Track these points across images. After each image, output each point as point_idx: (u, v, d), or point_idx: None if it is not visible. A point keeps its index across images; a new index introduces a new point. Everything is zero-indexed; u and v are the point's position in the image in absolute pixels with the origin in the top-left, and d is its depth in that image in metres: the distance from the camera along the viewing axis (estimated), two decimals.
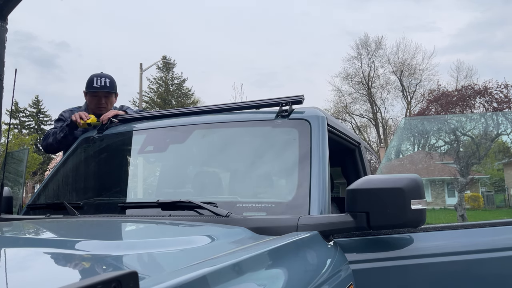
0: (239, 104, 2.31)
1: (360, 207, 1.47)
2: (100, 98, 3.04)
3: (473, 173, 14.12)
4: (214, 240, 1.29)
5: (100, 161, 2.42)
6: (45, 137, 3.07)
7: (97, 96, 3.04)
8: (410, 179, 1.45)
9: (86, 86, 3.07)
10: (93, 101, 3.05)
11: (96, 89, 3.02)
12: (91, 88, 3.03)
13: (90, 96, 3.07)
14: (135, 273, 0.63)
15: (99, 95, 3.04)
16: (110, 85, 3.08)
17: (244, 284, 0.96)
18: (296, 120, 1.95)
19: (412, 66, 37.22)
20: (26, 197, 19.29)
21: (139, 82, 22.46)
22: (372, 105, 38.51)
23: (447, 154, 13.58)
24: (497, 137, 13.02)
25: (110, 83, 3.07)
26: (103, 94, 3.04)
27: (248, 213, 1.66)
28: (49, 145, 3.00)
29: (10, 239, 1.33)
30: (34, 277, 0.90)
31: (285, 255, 1.21)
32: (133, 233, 1.55)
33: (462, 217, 12.29)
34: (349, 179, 3.06)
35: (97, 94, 3.04)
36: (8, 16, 2.01)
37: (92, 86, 3.03)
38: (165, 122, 2.31)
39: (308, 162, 1.76)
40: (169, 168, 2.38)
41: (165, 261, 1.09)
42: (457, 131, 11.66)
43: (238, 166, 2.05)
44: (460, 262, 1.58)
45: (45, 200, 2.27)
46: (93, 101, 3.05)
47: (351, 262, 1.51)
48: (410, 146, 12.56)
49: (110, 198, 2.14)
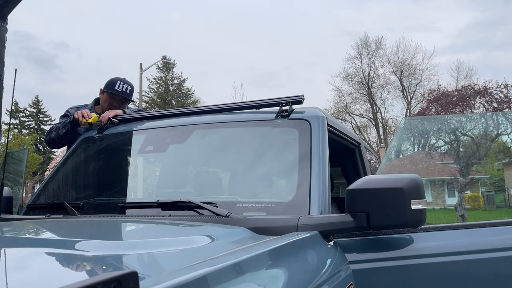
0: (239, 104, 2.31)
1: (360, 207, 1.46)
2: (117, 102, 3.13)
3: (473, 173, 14.13)
4: (214, 240, 1.29)
5: (100, 161, 2.42)
6: (49, 132, 3.13)
7: (115, 99, 3.13)
8: (410, 179, 1.45)
9: (107, 86, 3.14)
10: (108, 101, 3.12)
11: (116, 92, 3.11)
12: (112, 89, 3.11)
13: (108, 96, 3.13)
14: (135, 273, 0.63)
15: (117, 98, 3.13)
16: (130, 93, 3.19)
17: (244, 284, 0.96)
18: (296, 120, 1.95)
19: (412, 66, 37.26)
20: (26, 197, 19.29)
21: (139, 82, 22.46)
22: (372, 105, 38.51)
23: (447, 154, 13.58)
24: (497, 137, 13.02)
25: (130, 91, 3.19)
26: (121, 98, 3.14)
27: (248, 213, 1.66)
28: (51, 140, 3.06)
29: (10, 239, 1.33)
30: (34, 277, 0.90)
31: (285, 255, 1.21)
32: (133, 233, 1.55)
33: (462, 217, 12.29)
34: (349, 179, 3.06)
35: (115, 97, 3.12)
36: (8, 16, 2.01)
37: (113, 88, 3.11)
38: (165, 122, 2.31)
39: (308, 162, 1.76)
40: (169, 168, 2.38)
41: (165, 261, 1.09)
42: (457, 131, 11.66)
43: (238, 166, 2.05)
44: (460, 262, 1.58)
45: (45, 200, 2.26)
46: (108, 101, 3.13)
47: (351, 262, 1.51)
48: (410, 146, 12.56)
49: (110, 198, 2.14)
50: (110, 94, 3.13)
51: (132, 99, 3.30)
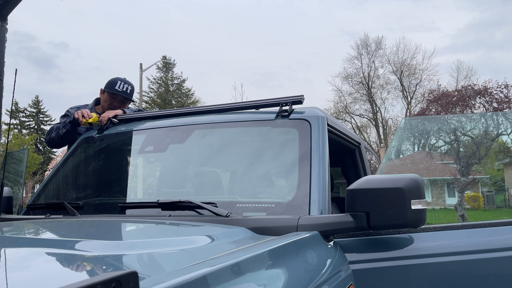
0: (239, 104, 2.31)
1: (360, 207, 1.46)
2: (117, 101, 3.14)
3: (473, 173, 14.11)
4: (214, 240, 1.29)
5: (100, 161, 2.42)
6: (49, 132, 3.14)
7: (115, 99, 3.14)
8: (410, 179, 1.45)
9: (108, 86, 3.15)
10: (109, 101, 3.14)
11: (117, 92, 3.12)
12: (113, 89, 3.12)
13: (109, 96, 3.15)
14: (135, 273, 0.63)
15: (117, 98, 3.14)
16: (130, 93, 3.21)
17: (244, 284, 0.96)
18: (296, 120, 1.95)
19: (412, 66, 37.26)
20: (26, 197, 19.29)
21: (139, 82, 22.45)
22: (372, 105, 38.50)
23: (447, 154, 13.57)
24: (497, 137, 13.01)
25: (130, 91, 3.20)
26: (121, 98, 3.15)
27: (248, 213, 1.66)
28: (51, 139, 3.08)
29: (10, 239, 1.33)
30: (34, 277, 0.90)
31: (285, 255, 1.21)
32: (133, 233, 1.55)
33: (462, 217, 12.28)
34: (349, 179, 3.06)
35: (116, 97, 3.14)
36: (8, 16, 2.01)
37: (114, 88, 3.13)
38: (165, 122, 2.31)
39: (308, 162, 1.76)
40: (169, 168, 2.38)
41: (165, 261, 1.09)
42: (457, 131, 11.65)
43: (238, 166, 2.05)
44: (460, 262, 1.58)
45: (45, 200, 2.26)
46: (109, 100, 3.14)
47: (351, 262, 1.51)
48: (410, 146, 12.55)
49: (110, 198, 2.14)
50: (110, 94, 3.13)
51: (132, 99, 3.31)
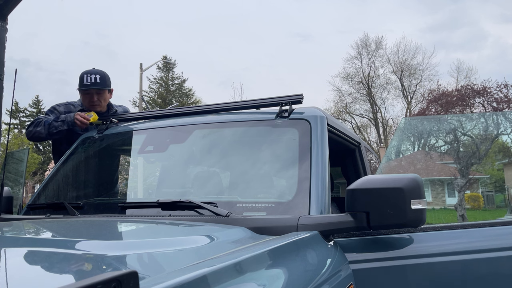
0: (239, 104, 2.31)
1: (360, 207, 1.46)
2: (92, 96, 2.94)
3: (473, 173, 14.12)
4: (214, 240, 1.29)
5: (100, 161, 2.42)
6: (35, 124, 2.94)
7: (89, 94, 2.94)
8: (410, 179, 1.45)
9: (78, 84, 2.96)
10: (86, 99, 2.97)
11: (87, 87, 2.91)
12: (82, 86, 2.93)
13: (82, 94, 2.98)
14: (135, 273, 0.63)
15: (90, 92, 2.93)
16: (102, 81, 2.94)
17: (244, 284, 0.96)
18: (296, 120, 1.95)
19: (412, 66, 37.27)
20: (26, 197, 19.28)
21: (139, 82, 22.46)
22: (372, 105, 38.51)
23: (447, 154, 13.57)
24: (497, 137, 13.01)
25: (101, 79, 2.94)
26: (95, 91, 2.93)
27: (248, 213, 1.66)
28: (37, 132, 2.90)
29: (10, 239, 1.33)
30: (34, 277, 0.90)
31: (285, 255, 1.21)
32: (133, 233, 1.55)
33: (462, 217, 12.28)
34: (349, 179, 3.06)
35: (88, 92, 2.93)
36: (8, 16, 2.01)
37: (83, 84, 2.92)
38: (165, 122, 2.31)
39: (308, 162, 1.76)
40: (169, 168, 2.38)
41: (165, 261, 1.09)
42: (457, 131, 11.65)
43: (238, 166, 2.05)
44: (460, 262, 1.58)
45: (45, 200, 2.26)
46: (85, 99, 2.97)
47: (351, 262, 1.51)
48: (410, 146, 12.55)
49: (110, 198, 2.14)
50: (83, 91, 2.95)
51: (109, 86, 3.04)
